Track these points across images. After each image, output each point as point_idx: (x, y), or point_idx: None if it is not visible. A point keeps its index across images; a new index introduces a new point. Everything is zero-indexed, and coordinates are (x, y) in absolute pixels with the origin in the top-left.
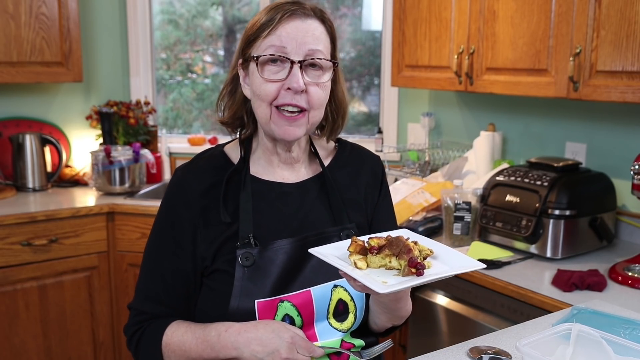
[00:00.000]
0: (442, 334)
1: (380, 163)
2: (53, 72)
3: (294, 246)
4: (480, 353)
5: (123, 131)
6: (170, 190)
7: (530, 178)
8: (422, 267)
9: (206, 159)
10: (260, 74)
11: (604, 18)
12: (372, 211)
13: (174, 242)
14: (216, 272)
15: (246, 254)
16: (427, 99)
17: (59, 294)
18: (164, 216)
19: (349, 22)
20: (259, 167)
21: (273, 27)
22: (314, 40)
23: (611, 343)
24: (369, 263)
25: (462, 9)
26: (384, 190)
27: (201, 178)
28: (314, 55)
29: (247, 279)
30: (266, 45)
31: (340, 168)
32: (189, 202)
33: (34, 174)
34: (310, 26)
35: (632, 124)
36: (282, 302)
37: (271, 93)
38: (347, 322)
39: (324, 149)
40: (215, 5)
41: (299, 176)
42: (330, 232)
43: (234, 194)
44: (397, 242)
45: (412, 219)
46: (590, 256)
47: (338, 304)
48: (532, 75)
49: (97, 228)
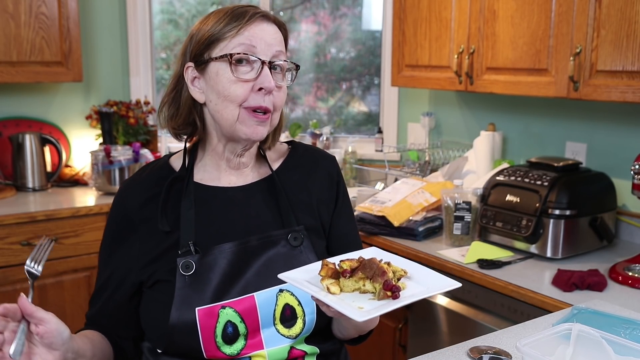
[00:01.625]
0: (442, 334)
1: (336, 164)
2: (53, 71)
3: (236, 250)
4: (480, 353)
5: (123, 131)
6: (113, 204)
7: (531, 178)
8: (397, 289)
9: (149, 171)
10: (234, 73)
11: (604, 18)
12: (331, 215)
13: (111, 254)
14: (158, 282)
15: (186, 262)
16: (427, 99)
17: (59, 294)
18: (106, 229)
19: (349, 22)
20: (205, 173)
21: (241, 28)
22: (278, 43)
23: (611, 343)
24: (342, 287)
25: (462, 9)
26: (341, 192)
27: (141, 190)
28: (280, 57)
29: (188, 287)
30: (235, 43)
31: (291, 170)
32: (127, 214)
33: (33, 174)
34: (275, 29)
35: (633, 124)
36: (224, 308)
37: (241, 94)
38: (296, 327)
39: (275, 151)
40: (215, 5)
41: (245, 180)
42: (276, 235)
43: (176, 203)
44: (371, 265)
45: (412, 219)
46: (591, 256)
47: (285, 309)
48: (532, 75)
49: (97, 228)
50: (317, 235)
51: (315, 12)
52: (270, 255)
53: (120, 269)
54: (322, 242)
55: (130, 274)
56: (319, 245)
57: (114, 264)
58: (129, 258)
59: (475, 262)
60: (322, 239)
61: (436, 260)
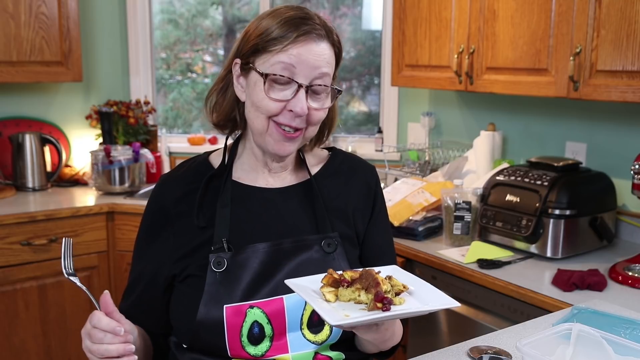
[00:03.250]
0: (442, 334)
1: (375, 174)
2: (53, 71)
3: (269, 251)
4: (481, 353)
5: (123, 131)
6: (151, 196)
7: (531, 178)
8: (388, 302)
9: (188, 166)
10: (266, 92)
11: (604, 17)
12: (366, 225)
13: (146, 246)
14: (189, 277)
15: (218, 258)
16: (427, 99)
17: (59, 294)
18: (142, 222)
19: (349, 22)
20: (243, 172)
21: (286, 45)
22: (324, 65)
23: (611, 343)
24: (339, 296)
25: (462, 9)
26: (378, 203)
27: (180, 184)
28: (322, 80)
29: (218, 283)
30: (275, 60)
31: (329, 177)
32: (164, 208)
33: (33, 174)
34: (323, 50)
35: (633, 124)
36: (252, 308)
37: (272, 110)
38: (322, 334)
39: (315, 156)
40: (215, 5)
41: (283, 182)
42: (311, 239)
43: (213, 199)
44: (367, 276)
45: (412, 219)
46: (591, 256)
47: (312, 314)
48: (532, 74)
49: (97, 228)
50: (351, 244)
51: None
52: (303, 259)
53: (154, 262)
54: (356, 251)
55: (164, 267)
56: (352, 254)
57: (148, 257)
58: (163, 252)
59: (475, 262)
60: (355, 248)
61: (436, 260)
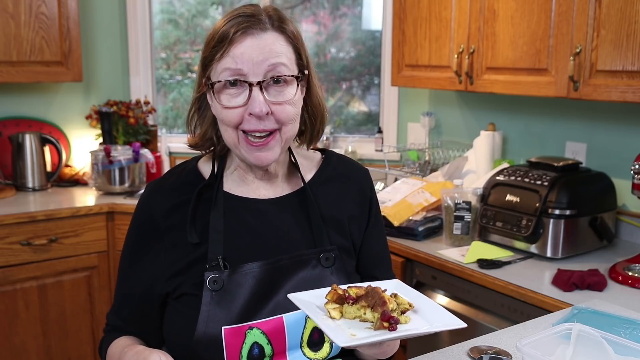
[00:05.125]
0: (442, 334)
1: (369, 178)
2: (53, 71)
3: (265, 269)
4: (481, 353)
5: (123, 131)
6: (138, 207)
7: (531, 178)
8: (395, 321)
9: (177, 175)
10: (218, 101)
11: (604, 17)
12: (362, 233)
13: (136, 261)
14: (184, 295)
15: (214, 277)
16: (427, 99)
17: (59, 294)
18: (130, 234)
19: (349, 22)
20: (233, 182)
21: (227, 49)
22: (273, 55)
23: (611, 343)
24: (344, 313)
25: (462, 9)
26: (374, 209)
27: (168, 196)
28: (275, 71)
29: (215, 303)
30: (221, 68)
31: (324, 183)
32: (153, 221)
33: (33, 174)
34: (267, 41)
35: (633, 124)
36: (251, 329)
37: (233, 119)
38: (322, 351)
39: (307, 159)
40: (215, 5)
41: (276, 192)
42: (308, 254)
43: (204, 212)
44: (373, 294)
45: (412, 219)
46: (591, 256)
47: (313, 332)
48: (532, 74)
49: (97, 228)
50: (348, 255)
51: (315, 12)
52: (302, 277)
53: (145, 279)
54: (352, 262)
55: (157, 284)
56: (350, 265)
57: (140, 272)
58: (155, 268)
59: (475, 262)
60: (352, 258)
61: (436, 260)
